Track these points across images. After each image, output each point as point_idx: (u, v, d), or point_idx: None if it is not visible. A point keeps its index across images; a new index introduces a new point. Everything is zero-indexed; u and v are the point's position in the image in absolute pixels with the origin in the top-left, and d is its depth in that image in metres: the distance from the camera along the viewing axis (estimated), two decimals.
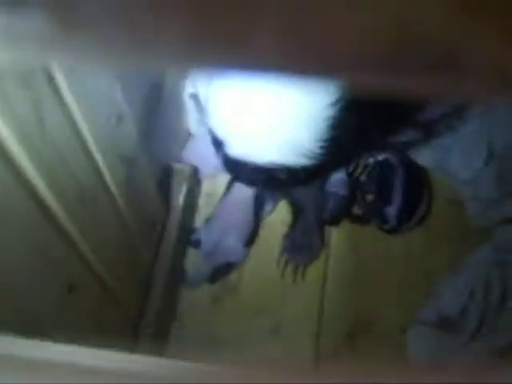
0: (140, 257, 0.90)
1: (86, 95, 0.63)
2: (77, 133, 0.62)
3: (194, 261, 1.06)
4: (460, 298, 0.99)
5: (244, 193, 1.04)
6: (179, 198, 1.02)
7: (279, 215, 1.10)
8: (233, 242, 1.02)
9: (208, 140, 1.16)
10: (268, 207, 1.09)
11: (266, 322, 1.02)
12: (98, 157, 0.68)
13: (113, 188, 0.74)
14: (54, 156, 0.58)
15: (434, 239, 1.09)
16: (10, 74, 0.48)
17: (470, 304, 0.98)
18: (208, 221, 1.06)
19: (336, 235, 1.10)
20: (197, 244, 1.05)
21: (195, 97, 1.15)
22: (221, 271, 1.04)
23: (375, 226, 1.10)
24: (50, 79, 0.55)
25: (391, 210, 1.06)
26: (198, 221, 1.12)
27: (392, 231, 1.08)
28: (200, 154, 1.13)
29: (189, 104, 1.15)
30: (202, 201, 1.14)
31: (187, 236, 1.07)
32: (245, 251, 1.05)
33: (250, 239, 1.05)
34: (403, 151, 1.07)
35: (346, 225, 1.11)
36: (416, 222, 1.09)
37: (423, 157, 1.11)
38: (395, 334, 1.00)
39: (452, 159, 1.09)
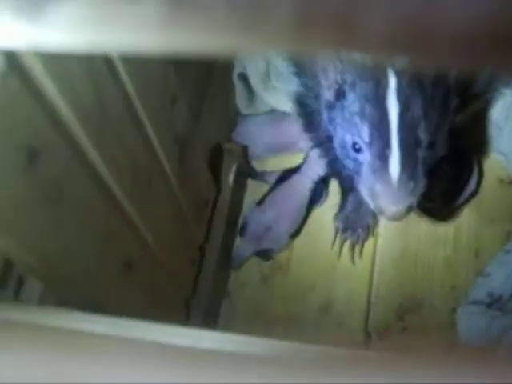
0: (192, 235, 0.92)
1: (142, 76, 0.64)
2: (133, 113, 0.64)
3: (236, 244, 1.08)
4: (511, 277, 0.98)
5: (302, 183, 1.05)
6: (229, 177, 1.03)
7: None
8: (281, 231, 1.03)
9: (257, 121, 1.17)
10: (323, 199, 1.09)
11: (316, 300, 1.03)
12: (153, 137, 0.69)
13: (167, 167, 0.76)
14: (111, 135, 0.59)
15: (484, 218, 1.08)
16: (73, 57, 0.50)
17: None
18: (259, 205, 1.07)
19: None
20: (242, 229, 1.07)
21: (244, 77, 1.16)
22: (260, 256, 1.06)
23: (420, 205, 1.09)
24: (108, 60, 0.57)
25: (437, 191, 1.05)
26: (247, 201, 1.13)
27: (436, 212, 1.07)
28: (250, 135, 1.14)
29: (238, 84, 1.16)
30: (250, 181, 1.15)
31: (235, 222, 1.09)
32: (288, 242, 1.05)
33: (297, 230, 1.06)
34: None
35: None
36: (463, 201, 1.07)
37: None
38: (445, 314, 1.00)
39: (504, 138, 1.08)
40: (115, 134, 0.60)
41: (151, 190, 0.71)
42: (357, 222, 1.06)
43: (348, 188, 1.06)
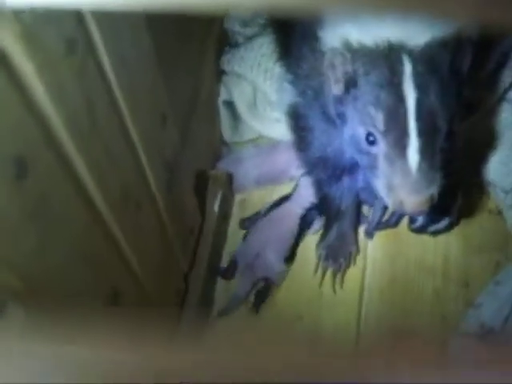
0: (177, 264, 0.89)
1: (134, 91, 0.62)
2: (124, 130, 0.61)
3: (226, 287, 1.04)
4: (503, 308, 0.97)
5: (291, 211, 1.03)
6: (215, 204, 1.01)
7: None
8: (271, 257, 1.00)
9: (245, 154, 1.15)
10: (316, 226, 1.07)
11: (304, 330, 1.00)
12: (143, 157, 0.67)
13: (155, 191, 0.73)
14: (102, 152, 0.57)
15: (472, 248, 1.07)
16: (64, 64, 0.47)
17: None
18: (244, 239, 1.04)
19: (372, 244, 1.08)
20: (231, 269, 1.03)
21: (229, 104, 1.15)
22: (261, 291, 1.02)
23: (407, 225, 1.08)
24: (101, 71, 0.54)
25: None
26: (231, 229, 1.10)
27: (419, 230, 1.06)
28: (238, 168, 1.12)
29: (223, 111, 1.15)
30: (235, 209, 1.13)
31: (220, 250, 1.06)
32: (284, 267, 1.02)
33: (290, 256, 1.03)
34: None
35: (381, 234, 1.09)
36: (444, 227, 1.06)
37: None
38: (436, 345, 0.97)
39: (491, 168, 1.07)
40: (106, 151, 0.57)
41: (140, 213, 0.68)
42: (339, 251, 1.04)
43: (333, 216, 1.04)
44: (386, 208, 1.06)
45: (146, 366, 0.45)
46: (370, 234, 1.07)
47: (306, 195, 1.04)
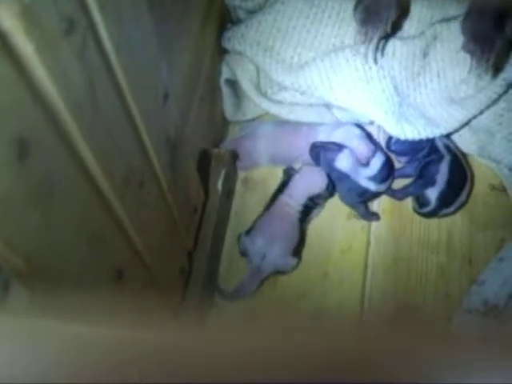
0: (182, 242, 0.89)
1: (135, 70, 0.61)
2: (126, 108, 0.61)
3: (231, 266, 1.04)
4: (506, 285, 0.97)
5: (289, 206, 1.02)
6: (218, 182, 1.01)
7: None
8: (279, 253, 1.00)
9: (251, 135, 1.14)
10: (315, 213, 1.07)
11: (307, 309, 1.00)
12: (145, 135, 0.66)
13: (158, 170, 0.72)
14: (104, 131, 0.56)
15: (476, 225, 1.07)
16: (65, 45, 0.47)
17: None
18: (250, 232, 1.03)
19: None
20: (245, 253, 1.03)
21: (231, 83, 1.14)
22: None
23: (413, 208, 1.08)
24: (102, 50, 0.54)
25: (433, 192, 1.04)
26: (235, 208, 1.11)
27: (429, 214, 1.06)
28: (243, 147, 1.12)
29: (225, 90, 1.14)
30: (238, 187, 1.13)
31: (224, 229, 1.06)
32: (294, 260, 1.02)
33: (297, 249, 1.02)
34: None
35: (386, 211, 1.09)
36: (454, 210, 1.06)
37: (467, 141, 1.09)
38: (440, 323, 0.98)
39: (496, 144, 1.07)
40: (108, 130, 0.57)
41: (142, 192, 0.68)
42: (377, 14, 0.99)
43: None
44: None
45: (150, 344, 0.45)
46: None
47: (304, 190, 1.03)
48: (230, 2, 1.11)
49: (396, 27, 1.03)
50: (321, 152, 1.04)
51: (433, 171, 1.05)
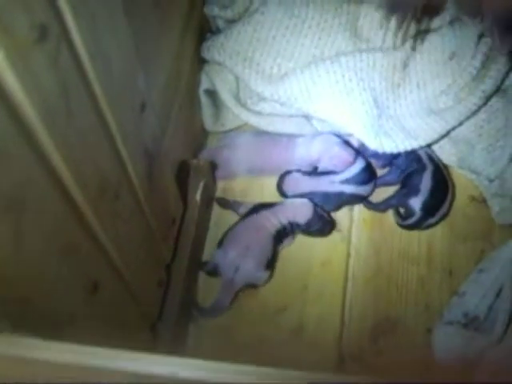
0: (159, 255, 0.87)
1: (111, 79, 0.60)
2: (101, 117, 0.59)
3: (209, 290, 1.02)
4: (486, 296, 0.96)
5: (269, 221, 1.01)
6: (197, 194, 0.99)
7: None
8: (252, 265, 0.98)
9: (244, 141, 1.13)
10: (287, 242, 1.05)
11: (287, 323, 0.99)
12: (121, 146, 0.65)
13: (135, 181, 0.71)
14: (78, 140, 0.55)
15: (456, 236, 1.07)
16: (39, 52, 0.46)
17: (497, 303, 0.95)
18: (222, 244, 1.01)
19: (356, 233, 1.07)
20: (215, 271, 1.01)
21: (210, 93, 1.13)
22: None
23: (395, 222, 1.07)
24: (76, 58, 0.52)
25: (416, 202, 1.04)
26: (213, 220, 1.09)
27: (413, 226, 1.05)
28: (221, 157, 1.11)
29: (204, 100, 1.13)
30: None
31: (202, 241, 1.05)
32: (266, 274, 1.00)
33: (270, 263, 1.01)
34: None
35: (366, 222, 1.08)
36: (436, 221, 1.06)
37: (447, 153, 1.09)
38: (420, 334, 0.97)
39: (476, 156, 1.07)
40: (82, 140, 0.55)
41: (118, 203, 0.66)
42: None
43: None
44: None
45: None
46: None
47: (289, 215, 1.02)
48: (210, 11, 1.10)
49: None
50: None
51: (416, 181, 1.05)
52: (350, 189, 1.06)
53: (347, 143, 1.09)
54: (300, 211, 1.03)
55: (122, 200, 0.68)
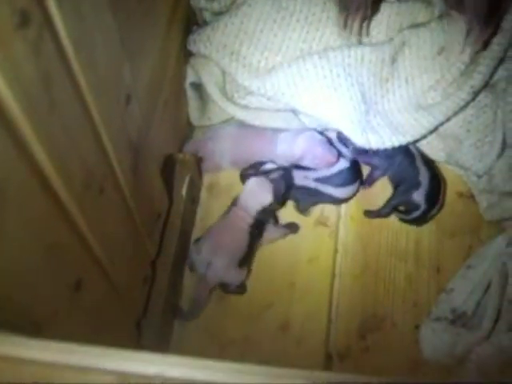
0: (144, 250, 0.85)
1: (96, 69, 0.58)
2: (85, 110, 0.58)
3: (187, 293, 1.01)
4: (474, 292, 0.96)
5: (241, 217, 0.99)
6: (182, 188, 0.98)
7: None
8: (223, 264, 0.97)
9: (228, 134, 1.12)
10: (270, 231, 1.04)
11: (274, 319, 0.98)
12: (106, 139, 0.63)
13: (120, 175, 0.69)
14: (61, 133, 0.53)
15: (444, 232, 1.06)
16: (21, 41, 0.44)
17: (485, 299, 0.95)
18: (198, 240, 1.01)
19: (343, 230, 1.06)
20: (191, 267, 1.00)
21: (196, 87, 1.11)
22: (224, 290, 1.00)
23: (400, 219, 1.06)
24: (59, 47, 0.51)
25: (419, 195, 1.03)
26: (199, 214, 1.08)
27: (419, 219, 1.05)
28: (206, 149, 1.09)
29: (190, 94, 1.11)
30: (203, 193, 1.10)
31: (188, 235, 1.04)
32: (240, 272, 0.99)
33: (244, 260, 0.99)
34: None
35: (354, 218, 1.07)
36: (436, 211, 1.05)
37: (435, 148, 1.08)
38: (408, 331, 0.96)
39: (464, 151, 1.06)
40: (65, 133, 0.54)
41: (103, 197, 0.65)
42: None
43: None
44: None
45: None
46: None
47: (254, 201, 1.01)
48: (196, 3, 1.08)
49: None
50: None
51: (413, 173, 1.04)
52: (325, 188, 1.05)
53: (330, 142, 1.07)
54: (262, 192, 1.01)
55: (107, 194, 0.66)
